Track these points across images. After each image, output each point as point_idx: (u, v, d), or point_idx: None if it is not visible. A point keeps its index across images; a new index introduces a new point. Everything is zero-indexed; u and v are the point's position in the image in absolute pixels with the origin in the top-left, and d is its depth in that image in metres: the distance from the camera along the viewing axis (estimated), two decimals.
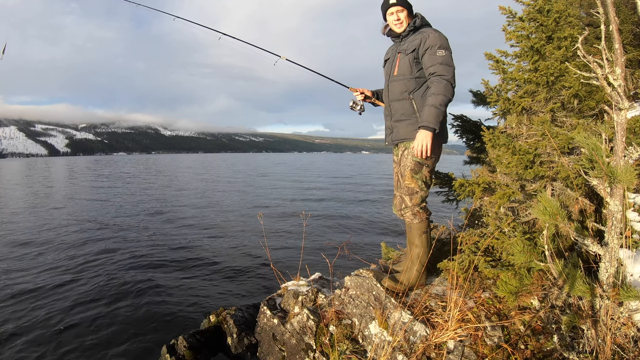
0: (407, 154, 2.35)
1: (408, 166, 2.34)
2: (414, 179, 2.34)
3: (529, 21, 2.38)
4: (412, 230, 2.41)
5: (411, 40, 2.31)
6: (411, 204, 2.37)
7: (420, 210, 2.38)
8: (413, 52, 2.28)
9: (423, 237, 2.40)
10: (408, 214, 2.40)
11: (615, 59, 1.57)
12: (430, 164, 2.36)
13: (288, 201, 14.87)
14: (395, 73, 2.38)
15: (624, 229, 1.79)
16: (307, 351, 2.36)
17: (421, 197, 2.37)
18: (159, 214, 11.72)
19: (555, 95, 2.39)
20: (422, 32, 2.28)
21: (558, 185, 2.36)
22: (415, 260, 2.42)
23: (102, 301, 4.92)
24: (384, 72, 2.55)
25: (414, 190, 2.36)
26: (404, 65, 2.33)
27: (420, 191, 2.36)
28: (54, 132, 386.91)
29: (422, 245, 2.40)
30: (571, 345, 1.83)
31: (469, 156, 3.37)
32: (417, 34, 2.30)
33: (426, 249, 2.41)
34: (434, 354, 1.96)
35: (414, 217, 2.38)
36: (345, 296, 2.53)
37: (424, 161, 2.31)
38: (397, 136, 2.41)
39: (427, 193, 2.39)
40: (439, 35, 2.22)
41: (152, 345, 3.77)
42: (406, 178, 2.36)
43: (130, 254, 7.16)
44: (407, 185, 2.36)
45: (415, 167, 2.32)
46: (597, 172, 1.55)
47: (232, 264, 6.57)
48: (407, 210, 2.39)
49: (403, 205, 2.40)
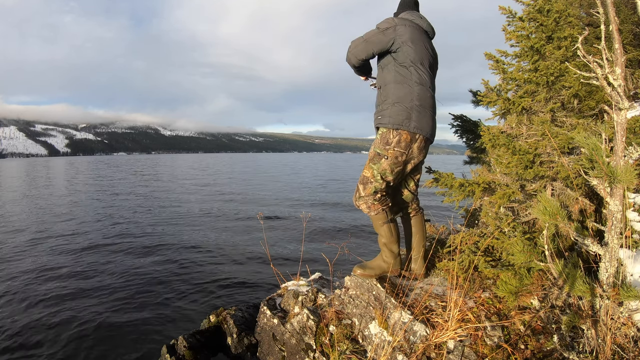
0: (373, 143, 2.38)
1: (369, 155, 2.37)
2: (370, 168, 2.32)
3: (529, 21, 2.38)
4: (373, 222, 2.42)
5: None
6: (364, 194, 2.34)
7: (375, 202, 2.33)
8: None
9: (385, 227, 2.38)
10: (363, 206, 2.37)
11: (615, 59, 1.57)
12: (391, 157, 2.26)
13: (288, 201, 14.87)
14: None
15: (624, 229, 1.79)
16: (307, 351, 2.36)
17: (375, 187, 2.31)
18: (158, 214, 11.72)
19: (555, 95, 2.39)
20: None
21: (558, 185, 2.36)
22: (382, 249, 2.46)
23: (101, 301, 4.92)
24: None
25: (368, 180, 2.33)
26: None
27: (374, 182, 2.31)
28: (54, 132, 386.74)
29: (386, 235, 2.40)
30: (571, 345, 1.83)
31: (469, 156, 3.37)
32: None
33: (391, 238, 2.40)
34: (434, 354, 1.96)
35: (369, 209, 2.36)
36: (345, 296, 2.53)
37: (384, 152, 2.26)
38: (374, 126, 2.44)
39: (382, 186, 2.32)
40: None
41: (152, 345, 3.77)
42: (365, 166, 2.37)
43: (129, 254, 7.16)
44: (363, 174, 2.36)
45: (374, 157, 2.31)
46: (597, 172, 1.55)
47: (232, 264, 6.57)
48: (361, 200, 2.36)
49: (357, 195, 2.38)
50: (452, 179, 2.67)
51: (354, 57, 2.33)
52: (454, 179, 2.67)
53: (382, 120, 2.26)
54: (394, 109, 2.21)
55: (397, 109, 2.20)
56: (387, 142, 2.25)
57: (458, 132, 3.09)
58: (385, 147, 2.26)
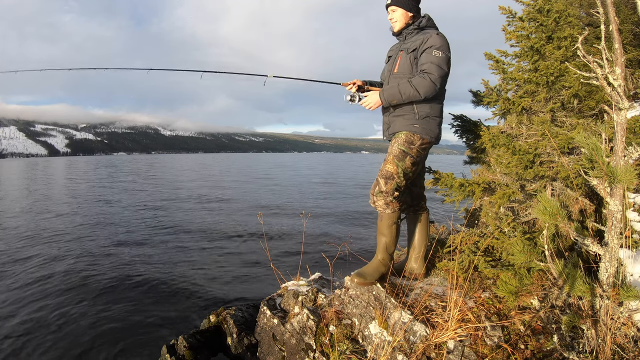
0: (394, 142, 2.40)
1: (392, 152, 2.39)
2: (395, 165, 2.35)
3: (529, 21, 2.38)
4: (383, 219, 2.42)
5: (414, 40, 2.33)
6: (385, 189, 2.36)
7: (394, 200, 2.37)
8: (414, 51, 2.30)
9: (393, 228, 2.42)
10: (381, 202, 2.39)
11: (615, 59, 1.57)
12: (415, 156, 2.36)
13: (288, 201, 14.88)
14: (395, 70, 2.41)
15: (624, 229, 1.79)
16: (307, 351, 2.36)
17: (397, 184, 2.35)
18: (158, 215, 11.72)
19: (555, 95, 2.39)
20: (425, 32, 2.31)
21: (558, 185, 2.36)
22: (382, 250, 2.46)
23: (102, 301, 4.92)
24: (386, 68, 2.57)
25: (391, 175, 2.36)
26: (404, 64, 2.36)
27: (397, 178, 2.35)
28: (54, 132, 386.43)
29: (391, 235, 2.43)
30: (571, 345, 1.83)
31: (469, 156, 3.37)
32: (420, 34, 2.32)
33: (393, 239, 2.45)
34: (434, 354, 1.96)
35: (387, 206, 2.38)
36: (345, 296, 2.53)
37: (409, 151, 2.34)
38: (393, 130, 2.44)
39: (403, 183, 2.37)
40: (440, 38, 2.24)
41: (152, 345, 3.77)
42: (388, 162, 2.39)
43: (129, 254, 7.16)
44: (387, 169, 2.38)
45: (399, 154, 2.35)
46: (597, 172, 1.55)
47: (232, 264, 6.57)
48: (381, 196, 2.38)
49: (377, 189, 2.40)
50: (452, 179, 2.67)
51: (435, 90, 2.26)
52: (454, 179, 2.67)
53: (419, 130, 2.35)
54: (432, 122, 2.37)
55: (434, 123, 2.38)
56: (412, 143, 2.35)
57: (458, 132, 3.08)
58: (410, 147, 2.34)
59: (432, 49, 2.20)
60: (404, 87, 2.24)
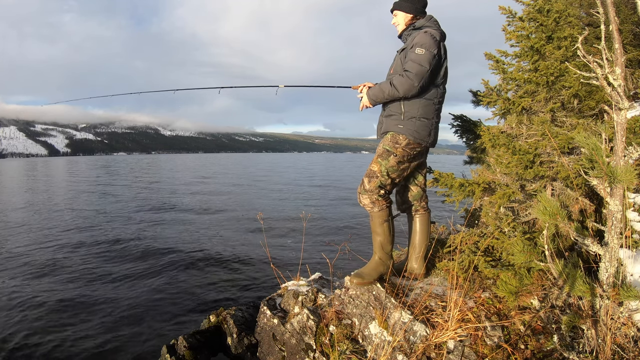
0: (381, 141, 2.41)
1: (377, 152, 2.42)
2: (378, 163, 2.37)
3: (529, 21, 2.38)
4: (374, 219, 2.42)
5: (407, 41, 2.34)
6: (369, 187, 2.37)
7: (379, 198, 2.37)
8: (404, 50, 2.32)
9: (384, 226, 2.42)
10: (367, 201, 2.40)
11: (615, 59, 1.57)
12: (399, 155, 2.34)
13: (288, 201, 14.87)
14: (391, 71, 2.43)
15: (624, 229, 1.79)
16: (307, 351, 2.36)
17: (380, 182, 2.36)
18: (158, 215, 11.72)
19: (555, 95, 2.39)
20: (418, 31, 2.30)
21: (558, 185, 2.36)
22: (378, 249, 2.46)
23: (101, 301, 4.92)
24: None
25: (374, 174, 2.37)
26: (397, 64, 2.37)
27: (380, 176, 2.36)
28: (54, 132, 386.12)
29: (384, 234, 2.43)
30: (571, 345, 1.83)
31: (469, 156, 3.37)
32: (414, 33, 2.32)
33: (388, 237, 2.44)
34: (434, 354, 1.96)
35: (373, 205, 2.38)
36: (345, 296, 2.53)
37: (394, 150, 2.34)
38: (383, 129, 2.45)
39: (387, 181, 2.37)
40: (425, 35, 2.21)
41: (152, 345, 3.77)
42: (372, 161, 2.42)
43: (129, 255, 7.16)
44: (371, 168, 2.40)
45: (383, 153, 2.37)
46: (597, 172, 1.55)
47: (232, 264, 6.57)
48: (365, 195, 2.39)
49: (362, 188, 2.41)
50: (452, 179, 2.67)
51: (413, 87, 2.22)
52: (454, 179, 2.67)
53: (403, 130, 2.31)
54: (419, 123, 2.30)
55: (421, 125, 2.31)
56: (397, 142, 2.34)
57: (458, 132, 3.08)
58: (395, 146, 2.34)
59: (415, 47, 2.20)
60: (385, 86, 2.28)
